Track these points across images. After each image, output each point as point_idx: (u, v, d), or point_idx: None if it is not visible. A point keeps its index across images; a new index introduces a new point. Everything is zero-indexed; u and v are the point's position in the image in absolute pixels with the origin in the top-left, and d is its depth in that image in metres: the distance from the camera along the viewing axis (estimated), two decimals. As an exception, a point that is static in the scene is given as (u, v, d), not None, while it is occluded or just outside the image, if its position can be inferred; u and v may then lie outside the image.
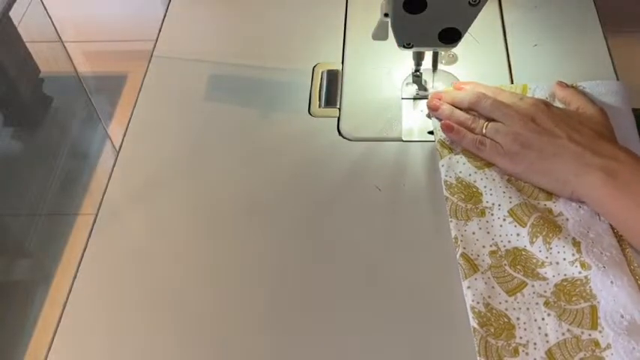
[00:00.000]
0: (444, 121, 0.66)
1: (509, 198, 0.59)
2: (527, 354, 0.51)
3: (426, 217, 0.61)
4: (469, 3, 0.58)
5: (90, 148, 1.79)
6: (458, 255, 0.57)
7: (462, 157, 0.63)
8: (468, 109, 0.66)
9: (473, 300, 0.54)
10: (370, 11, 0.78)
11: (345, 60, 0.76)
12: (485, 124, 0.63)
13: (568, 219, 0.58)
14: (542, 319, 0.53)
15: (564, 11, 0.78)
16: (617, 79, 0.70)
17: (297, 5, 0.83)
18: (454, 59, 0.74)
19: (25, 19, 1.73)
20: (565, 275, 0.55)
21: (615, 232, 0.57)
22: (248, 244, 0.61)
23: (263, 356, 0.54)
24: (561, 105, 0.66)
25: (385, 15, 0.61)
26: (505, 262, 0.57)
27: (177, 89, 0.76)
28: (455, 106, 0.66)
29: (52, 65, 1.82)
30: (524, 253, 0.57)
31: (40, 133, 1.80)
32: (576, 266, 0.55)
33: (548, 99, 0.67)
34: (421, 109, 0.70)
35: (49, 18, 1.73)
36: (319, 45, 0.78)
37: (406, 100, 0.71)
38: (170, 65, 0.78)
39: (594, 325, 0.52)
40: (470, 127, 0.64)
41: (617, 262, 0.54)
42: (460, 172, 0.63)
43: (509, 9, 0.79)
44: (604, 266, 0.54)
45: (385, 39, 0.65)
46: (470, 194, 0.61)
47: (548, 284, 0.55)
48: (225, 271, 0.59)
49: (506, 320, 0.53)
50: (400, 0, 0.58)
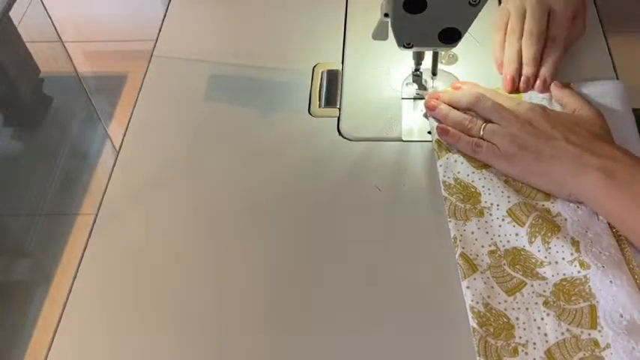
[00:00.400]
0: (439, 125, 0.66)
1: (507, 198, 0.59)
2: (526, 354, 0.51)
3: (426, 217, 0.61)
4: (469, 3, 0.58)
5: (90, 148, 1.79)
6: (457, 255, 0.57)
7: (459, 157, 0.64)
8: (465, 109, 0.66)
9: (472, 300, 0.54)
10: (370, 11, 0.78)
11: (345, 60, 0.76)
12: (483, 125, 0.63)
13: (566, 219, 0.58)
14: (542, 318, 0.53)
15: (564, 11, 0.78)
16: (617, 79, 0.70)
17: (297, 5, 0.83)
18: (454, 59, 0.74)
19: (25, 19, 1.73)
20: (564, 275, 0.55)
21: (614, 232, 0.57)
22: (248, 244, 0.61)
23: (263, 356, 0.54)
24: (558, 108, 0.66)
25: (385, 15, 0.62)
26: (504, 262, 0.57)
27: (177, 89, 0.76)
28: (452, 107, 0.66)
29: (52, 65, 1.82)
30: (523, 252, 0.57)
31: (40, 133, 1.80)
32: (575, 265, 0.55)
33: (543, 101, 0.67)
34: (421, 109, 0.70)
35: (49, 18, 1.73)
36: (319, 45, 0.78)
37: (406, 100, 0.71)
38: (170, 65, 0.78)
39: (594, 325, 0.52)
40: (467, 127, 0.64)
41: (616, 262, 0.54)
42: (458, 172, 0.63)
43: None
44: (603, 265, 0.54)
45: (385, 39, 0.65)
46: (468, 194, 0.61)
47: (547, 284, 0.55)
48: (225, 271, 0.59)
49: (506, 320, 0.53)
50: (400, 0, 0.59)
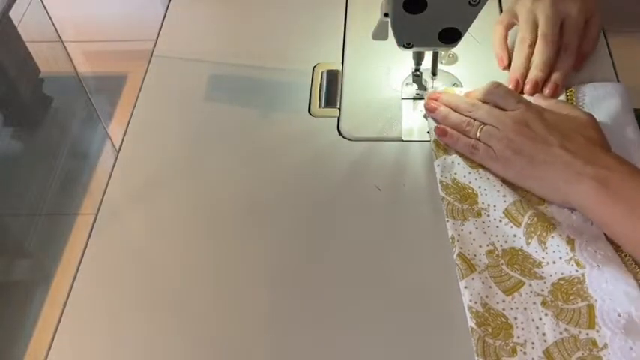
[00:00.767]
0: (437, 126, 0.66)
1: (503, 197, 0.59)
2: (524, 353, 0.51)
3: (426, 217, 0.61)
4: (469, 3, 0.58)
5: (90, 148, 1.79)
6: (454, 255, 0.57)
7: (457, 158, 0.63)
8: (464, 112, 0.66)
9: (470, 300, 0.54)
10: (370, 11, 0.78)
11: (345, 60, 0.76)
12: (480, 127, 0.63)
13: (560, 222, 0.58)
14: (540, 318, 0.53)
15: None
16: (617, 79, 0.70)
17: (297, 5, 0.83)
18: (454, 59, 0.74)
19: (25, 19, 1.73)
20: (562, 274, 0.55)
21: (609, 238, 0.57)
22: (248, 243, 0.61)
23: (263, 356, 0.54)
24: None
25: (385, 15, 0.62)
26: (502, 262, 0.57)
27: (177, 89, 0.76)
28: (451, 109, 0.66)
29: (52, 65, 1.82)
30: (520, 252, 0.57)
31: (40, 133, 1.80)
32: (572, 264, 0.55)
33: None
34: (421, 109, 0.70)
35: (49, 18, 1.73)
36: (319, 45, 0.78)
37: (406, 100, 0.71)
38: (170, 65, 0.78)
39: (591, 325, 0.52)
40: (464, 130, 0.64)
41: (612, 260, 0.54)
42: (455, 173, 0.63)
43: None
44: (598, 265, 0.53)
45: (385, 39, 0.65)
46: (465, 196, 0.61)
47: (545, 283, 0.55)
48: (225, 271, 0.59)
49: (504, 320, 0.53)
50: (400, 0, 0.59)
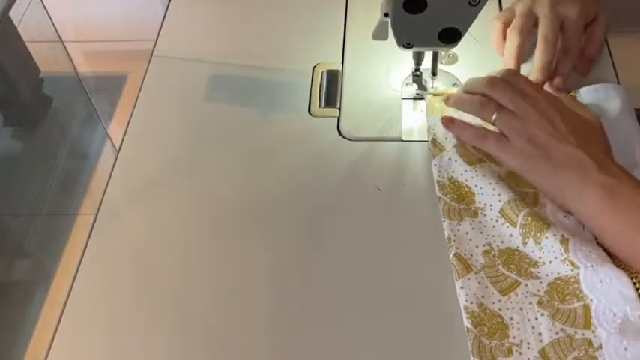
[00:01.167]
0: (444, 116, 0.65)
1: (498, 196, 0.59)
2: (520, 353, 0.51)
3: (426, 217, 0.61)
4: (469, 3, 0.58)
5: (90, 148, 1.79)
6: (451, 255, 0.57)
7: (454, 155, 0.63)
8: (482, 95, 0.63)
9: (466, 300, 0.54)
10: (370, 11, 0.78)
11: (345, 60, 0.76)
12: (496, 111, 0.60)
13: (555, 223, 0.58)
14: (536, 318, 0.53)
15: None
16: (617, 79, 0.70)
17: (297, 5, 0.83)
18: (454, 59, 0.74)
19: (25, 19, 1.73)
20: (558, 273, 0.55)
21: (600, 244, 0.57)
22: (248, 243, 0.61)
23: (263, 355, 0.54)
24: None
25: (385, 15, 0.62)
26: (498, 262, 0.57)
27: (177, 89, 0.76)
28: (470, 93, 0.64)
29: (52, 65, 1.83)
30: (517, 252, 0.57)
31: (40, 133, 1.80)
32: (567, 264, 0.55)
33: None
34: (421, 108, 0.70)
35: (49, 18, 1.74)
36: (319, 45, 0.78)
37: (406, 100, 0.71)
38: (170, 65, 0.78)
39: (587, 325, 0.52)
40: (480, 107, 0.61)
41: (606, 260, 0.54)
42: (452, 171, 0.62)
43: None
44: (592, 265, 0.53)
45: (385, 39, 0.65)
46: (462, 195, 0.61)
47: (541, 283, 0.55)
48: (225, 271, 0.59)
49: (500, 320, 0.53)
50: (400, 0, 0.59)
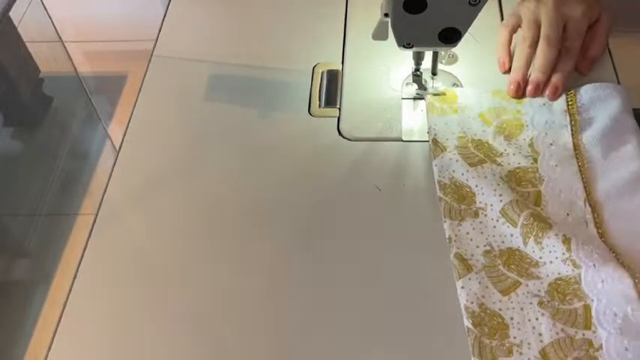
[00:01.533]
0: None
1: (499, 196, 0.59)
2: (521, 354, 0.51)
3: (426, 217, 0.61)
4: (469, 3, 0.58)
5: (90, 148, 1.79)
6: (452, 255, 0.57)
7: (454, 156, 0.63)
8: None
9: (467, 300, 0.54)
10: (370, 11, 0.78)
11: (345, 60, 0.76)
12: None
13: (557, 223, 0.58)
14: (536, 318, 0.53)
15: (564, 11, 0.78)
16: (617, 79, 0.70)
17: (297, 5, 0.83)
18: (454, 59, 0.74)
19: (25, 19, 1.73)
20: (559, 274, 0.55)
21: (602, 240, 0.57)
22: (248, 243, 0.61)
23: (262, 355, 0.54)
24: (559, 113, 0.66)
25: (385, 15, 0.61)
26: (499, 262, 0.57)
27: (177, 89, 0.76)
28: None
29: (52, 65, 1.82)
30: (517, 253, 0.57)
31: (40, 133, 1.80)
32: (568, 264, 0.55)
33: (544, 107, 0.67)
34: (421, 108, 0.70)
35: (49, 18, 1.74)
36: (319, 45, 0.78)
37: (406, 100, 0.71)
38: (170, 65, 0.78)
39: (588, 325, 0.52)
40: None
41: (608, 260, 0.54)
42: (453, 171, 0.62)
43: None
44: (594, 264, 0.53)
45: (385, 39, 0.65)
46: (463, 195, 0.61)
47: (542, 283, 0.55)
48: (225, 271, 0.59)
49: (500, 320, 0.53)
50: (400, 0, 0.59)
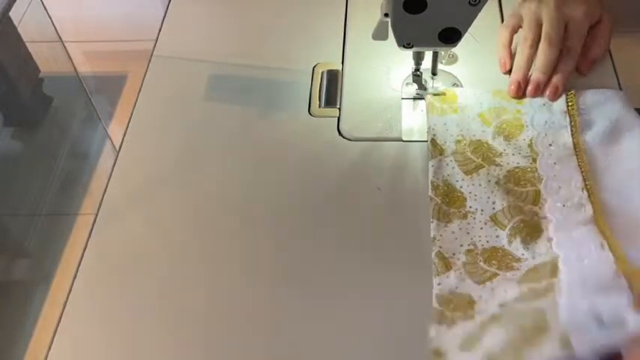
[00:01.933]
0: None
1: (492, 204, 0.60)
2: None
3: (426, 217, 0.61)
4: (469, 3, 0.58)
5: (90, 148, 1.79)
6: (433, 253, 0.57)
7: (451, 162, 0.63)
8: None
9: (440, 289, 0.55)
10: (370, 11, 0.78)
11: (345, 60, 0.76)
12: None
13: (552, 219, 0.58)
14: (505, 290, 0.54)
15: (564, 11, 0.78)
16: (618, 79, 0.70)
17: (297, 5, 0.83)
18: (454, 59, 0.74)
19: (25, 19, 1.73)
20: (536, 265, 0.56)
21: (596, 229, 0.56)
22: (248, 243, 0.61)
23: (262, 355, 0.54)
24: (559, 113, 0.66)
25: (385, 15, 0.62)
26: (480, 259, 0.57)
27: (178, 89, 0.76)
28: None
29: (52, 65, 1.82)
30: (501, 250, 0.57)
31: (40, 133, 1.80)
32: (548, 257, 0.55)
33: (544, 107, 0.67)
34: (421, 108, 0.70)
35: (49, 18, 1.73)
36: (319, 45, 0.78)
37: (406, 100, 0.71)
38: (170, 65, 0.78)
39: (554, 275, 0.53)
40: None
41: (587, 238, 0.54)
42: (448, 175, 0.63)
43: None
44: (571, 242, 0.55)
45: (385, 39, 0.65)
46: (454, 198, 0.61)
47: (520, 271, 0.55)
48: (225, 271, 0.59)
49: (469, 299, 0.54)
50: (400, 0, 0.59)
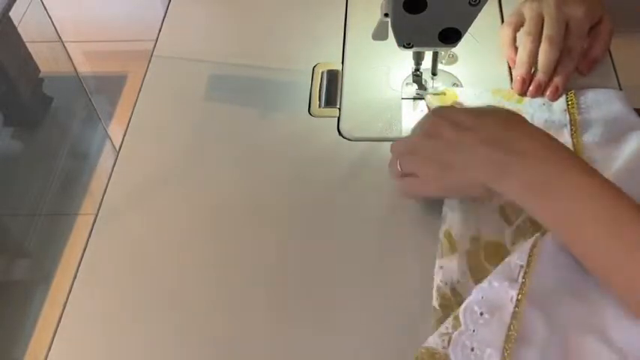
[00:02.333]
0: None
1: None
2: None
3: (426, 217, 0.61)
4: (469, 3, 0.58)
5: (90, 148, 1.80)
6: (441, 231, 0.57)
7: None
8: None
9: (441, 280, 0.54)
10: (370, 11, 0.78)
11: (345, 60, 0.76)
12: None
13: None
14: None
15: (564, 11, 0.78)
16: (617, 78, 0.70)
17: (297, 5, 0.83)
18: (454, 59, 0.74)
19: (25, 19, 1.73)
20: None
21: None
22: (248, 243, 0.61)
23: (262, 356, 0.54)
24: (559, 112, 0.65)
25: (385, 15, 0.62)
26: (482, 254, 0.56)
27: (178, 89, 0.76)
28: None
29: (52, 65, 1.83)
30: (502, 249, 0.57)
31: (40, 133, 1.80)
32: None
33: (543, 107, 0.67)
34: (421, 109, 0.70)
35: (49, 18, 1.74)
36: (319, 45, 0.78)
37: (406, 100, 0.71)
38: (170, 65, 0.78)
39: None
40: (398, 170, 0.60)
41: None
42: None
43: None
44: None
45: (385, 39, 0.65)
46: None
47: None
48: (225, 271, 0.59)
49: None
50: (400, 0, 0.59)
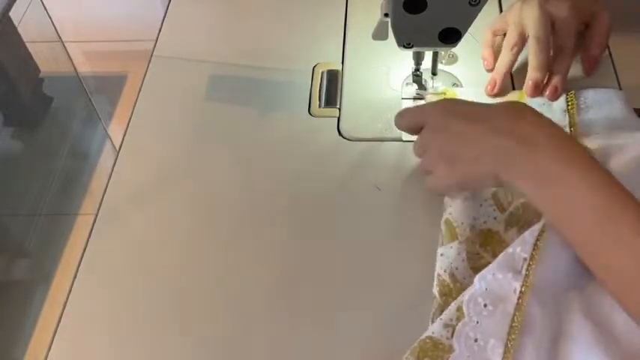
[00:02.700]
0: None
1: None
2: None
3: (426, 217, 0.61)
4: (469, 3, 0.58)
5: (90, 148, 1.80)
6: (442, 220, 0.58)
7: None
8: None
9: (441, 267, 0.55)
10: (370, 11, 0.78)
11: (345, 60, 0.76)
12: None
13: None
14: None
15: (564, 11, 0.78)
16: (617, 78, 0.70)
17: (297, 5, 0.83)
18: (454, 59, 0.74)
19: (25, 19, 1.73)
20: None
21: None
22: (248, 243, 0.61)
23: (263, 356, 0.54)
24: (559, 112, 0.65)
25: (385, 15, 0.62)
26: (477, 241, 0.56)
27: (178, 89, 0.76)
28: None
29: (52, 65, 1.83)
30: (496, 237, 0.57)
31: (40, 133, 1.80)
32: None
33: (543, 107, 0.66)
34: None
35: (49, 18, 1.74)
36: (319, 45, 0.78)
37: (406, 100, 0.71)
38: (170, 65, 0.78)
39: None
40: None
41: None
42: None
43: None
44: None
45: (385, 39, 0.65)
46: None
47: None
48: (225, 271, 0.59)
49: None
50: (400, 0, 0.59)
